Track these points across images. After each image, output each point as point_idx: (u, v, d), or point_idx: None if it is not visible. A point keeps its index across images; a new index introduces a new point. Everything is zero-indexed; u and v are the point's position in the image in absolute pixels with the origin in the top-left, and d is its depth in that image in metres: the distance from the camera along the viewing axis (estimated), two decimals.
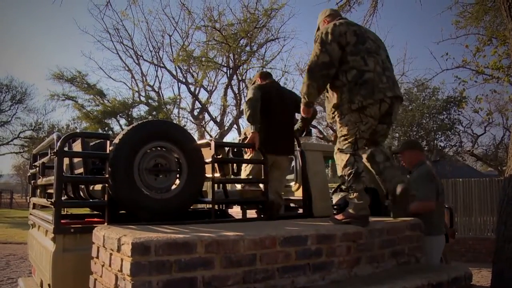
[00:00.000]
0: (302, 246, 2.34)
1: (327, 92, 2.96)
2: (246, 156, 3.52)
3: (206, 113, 18.78)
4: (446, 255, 4.51)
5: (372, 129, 2.86)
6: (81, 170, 3.11)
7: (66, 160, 3.18)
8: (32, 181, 3.88)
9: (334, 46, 2.73)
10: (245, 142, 3.28)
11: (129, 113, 18.88)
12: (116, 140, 2.66)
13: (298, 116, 3.50)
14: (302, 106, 2.97)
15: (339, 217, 2.85)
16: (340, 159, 2.84)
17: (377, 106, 2.75)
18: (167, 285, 1.91)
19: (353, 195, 2.78)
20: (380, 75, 2.75)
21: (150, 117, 17.68)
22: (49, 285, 2.54)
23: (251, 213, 3.69)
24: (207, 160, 2.93)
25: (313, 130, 16.56)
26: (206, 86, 18.80)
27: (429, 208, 3.53)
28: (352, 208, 2.78)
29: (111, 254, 2.06)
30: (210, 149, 2.98)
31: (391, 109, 2.84)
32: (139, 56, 19.42)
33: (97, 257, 2.26)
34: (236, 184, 3.90)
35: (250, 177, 3.51)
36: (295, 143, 3.62)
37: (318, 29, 3.02)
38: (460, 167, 20.64)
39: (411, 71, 37.31)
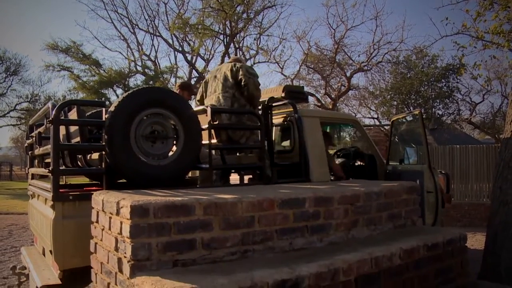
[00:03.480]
0: (300, 208, 2.37)
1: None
2: None
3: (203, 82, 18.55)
4: (442, 219, 4.58)
5: None
6: (78, 139, 3.10)
7: (62, 130, 3.16)
8: (30, 152, 3.87)
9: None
10: None
11: (126, 83, 18.71)
12: (111, 108, 2.63)
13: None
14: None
15: None
16: None
17: None
18: (166, 246, 1.94)
19: None
20: None
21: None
22: (50, 251, 2.58)
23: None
24: (203, 127, 2.91)
25: (311, 98, 16.45)
26: (203, 55, 18.55)
27: None
28: None
29: (110, 218, 2.08)
30: (207, 115, 2.96)
31: None
32: (134, 25, 19.09)
33: (97, 222, 2.28)
34: None
35: None
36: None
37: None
38: (457, 135, 20.63)
39: (410, 38, 36.72)
